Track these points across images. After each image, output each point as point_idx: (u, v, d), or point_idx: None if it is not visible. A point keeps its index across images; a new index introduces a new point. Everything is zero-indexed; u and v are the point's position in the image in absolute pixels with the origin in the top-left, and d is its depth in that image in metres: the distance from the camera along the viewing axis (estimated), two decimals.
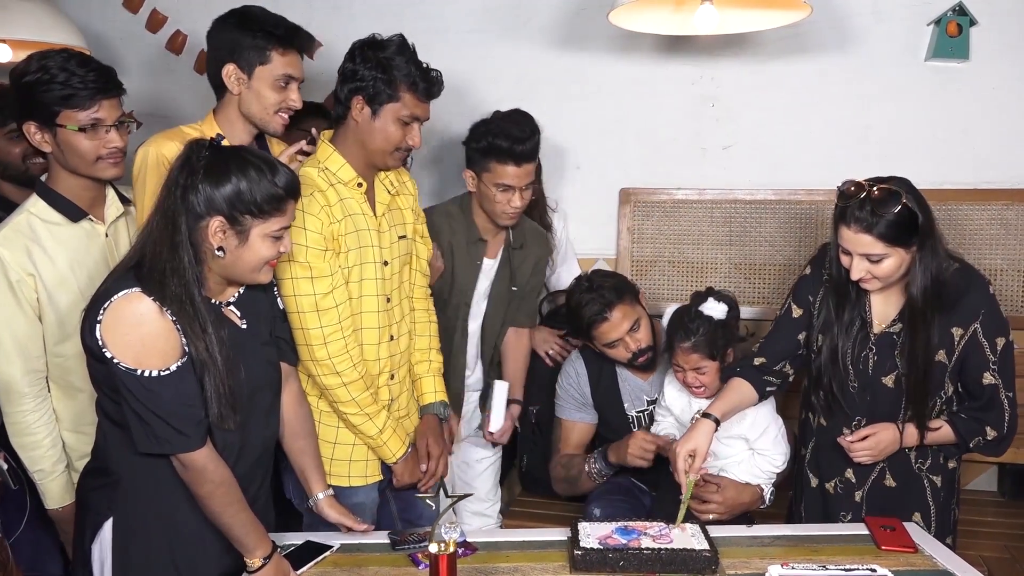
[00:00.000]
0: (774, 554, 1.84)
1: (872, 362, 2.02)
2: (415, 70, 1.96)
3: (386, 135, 1.99)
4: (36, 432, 1.94)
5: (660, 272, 3.09)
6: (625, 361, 2.42)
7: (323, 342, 1.96)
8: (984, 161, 2.86)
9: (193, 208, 1.59)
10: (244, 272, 1.67)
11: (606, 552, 1.77)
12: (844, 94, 2.92)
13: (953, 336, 1.96)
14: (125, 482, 1.69)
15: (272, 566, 1.69)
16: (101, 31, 3.34)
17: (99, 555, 1.72)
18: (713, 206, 3.03)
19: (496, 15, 3.10)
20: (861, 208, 1.85)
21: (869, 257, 1.88)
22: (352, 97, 1.97)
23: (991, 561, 2.39)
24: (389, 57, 1.95)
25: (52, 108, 1.86)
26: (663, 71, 3.02)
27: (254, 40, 1.99)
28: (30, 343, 1.92)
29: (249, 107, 2.05)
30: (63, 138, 1.88)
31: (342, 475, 2.09)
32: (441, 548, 1.62)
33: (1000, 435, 1.99)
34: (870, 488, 2.08)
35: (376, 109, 1.97)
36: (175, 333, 1.59)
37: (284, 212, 1.65)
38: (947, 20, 2.79)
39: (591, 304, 2.35)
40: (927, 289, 1.91)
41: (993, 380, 1.97)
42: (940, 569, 1.77)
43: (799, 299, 2.11)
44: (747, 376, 2.12)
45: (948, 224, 2.85)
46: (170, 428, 1.58)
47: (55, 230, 1.94)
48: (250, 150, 1.67)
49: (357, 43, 2.02)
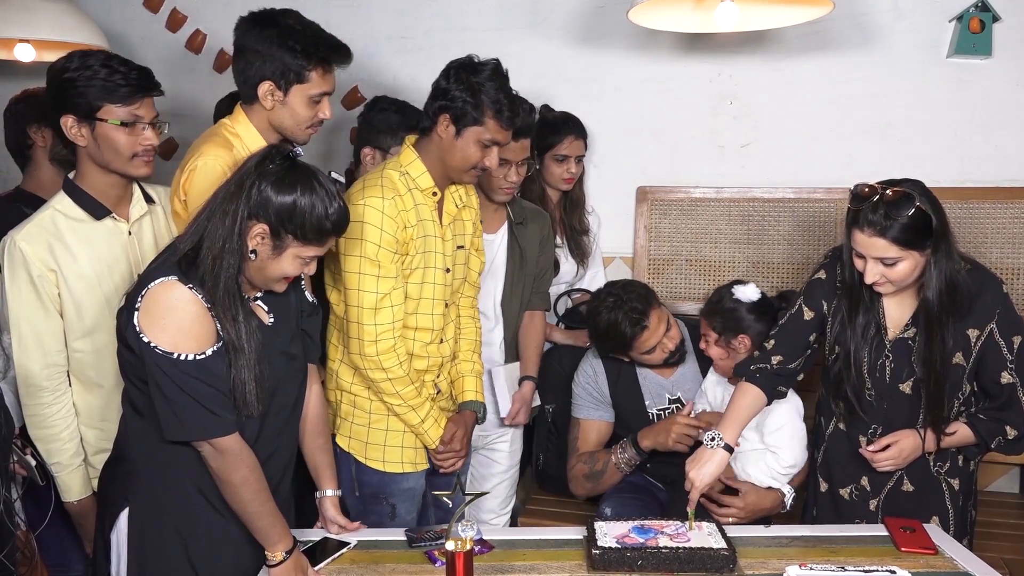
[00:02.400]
0: (792, 554, 1.83)
1: (889, 370, 2.00)
2: (503, 98, 2.02)
3: (465, 155, 2.05)
4: (54, 425, 1.96)
5: (677, 270, 3.07)
6: (661, 362, 2.44)
7: (374, 339, 2.03)
8: (1007, 159, 2.83)
9: (249, 206, 1.62)
10: (263, 279, 1.70)
11: (624, 551, 1.77)
12: (865, 91, 2.89)
13: (969, 338, 1.94)
14: (142, 472, 1.72)
15: (292, 561, 1.71)
16: (121, 31, 3.37)
17: (116, 544, 1.75)
18: (731, 204, 3.02)
19: (514, 13, 3.10)
20: (874, 211, 1.83)
21: (883, 261, 1.86)
22: (440, 114, 2.04)
23: (1012, 563, 2.37)
24: (480, 82, 2.01)
25: (94, 102, 1.87)
26: (682, 69, 3.01)
27: (295, 59, 1.96)
28: (49, 338, 1.94)
29: (281, 121, 2.03)
30: (102, 132, 1.89)
31: (395, 461, 2.15)
32: (458, 546, 1.62)
33: (1021, 433, 1.97)
34: (887, 494, 2.06)
35: (460, 129, 2.03)
36: (210, 319, 1.62)
37: (323, 244, 1.69)
38: (969, 16, 2.76)
39: (627, 319, 2.36)
40: (942, 293, 1.89)
41: (1011, 379, 1.95)
42: (961, 571, 1.76)
43: (811, 301, 2.09)
44: (758, 380, 2.09)
45: (970, 223, 2.83)
46: (205, 411, 1.60)
47: (78, 227, 1.95)
48: (321, 175, 1.68)
49: (453, 63, 2.06)
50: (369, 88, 3.19)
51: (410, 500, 2.18)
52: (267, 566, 1.70)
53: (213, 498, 1.71)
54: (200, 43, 3.33)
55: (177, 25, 3.34)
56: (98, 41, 2.83)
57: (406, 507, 2.19)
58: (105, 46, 2.86)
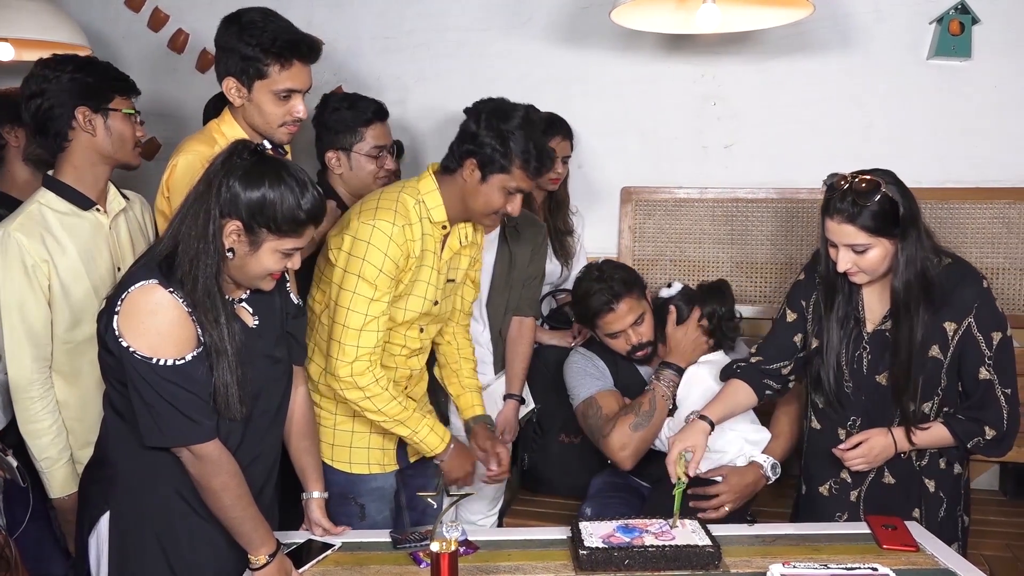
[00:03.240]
0: (776, 553, 1.84)
1: (866, 361, 2.02)
2: (532, 148, 2.00)
3: (488, 200, 2.04)
4: (42, 420, 1.97)
5: (662, 270, 3.08)
6: (624, 353, 2.46)
7: (351, 360, 2.00)
8: (986, 160, 2.86)
9: (221, 205, 1.60)
10: (247, 277, 1.68)
11: (611, 551, 1.77)
12: (846, 93, 2.91)
13: (946, 331, 1.95)
14: (123, 476, 1.70)
15: (276, 564, 1.70)
16: (103, 30, 3.34)
17: (95, 548, 1.73)
18: (715, 205, 3.03)
19: (497, 13, 3.10)
20: (843, 199, 1.87)
21: (854, 248, 1.89)
22: (467, 158, 2.02)
23: (993, 560, 2.39)
24: (510, 130, 1.99)
25: (109, 93, 2.00)
26: (665, 70, 3.02)
27: (253, 53, 1.94)
28: (40, 328, 1.96)
29: (252, 119, 2.02)
30: (114, 122, 2.01)
31: (362, 463, 2.15)
32: (443, 547, 1.62)
33: (1000, 434, 1.96)
34: (868, 487, 2.07)
35: (486, 175, 2.01)
36: (190, 323, 1.60)
37: (300, 235, 1.65)
38: (949, 18, 2.79)
39: (599, 294, 2.38)
40: (910, 282, 1.91)
41: (989, 376, 1.95)
42: (942, 568, 1.77)
43: (793, 303, 2.13)
44: (746, 378, 2.13)
45: (950, 223, 2.85)
46: (183, 418, 1.59)
47: (65, 220, 1.99)
48: (290, 166, 1.66)
49: (484, 107, 2.03)
50: (353, 87, 3.18)
51: (380, 500, 2.16)
52: (250, 569, 1.69)
53: (194, 502, 1.69)
54: (183, 42, 3.31)
55: (159, 24, 3.32)
56: (79, 40, 2.81)
57: (376, 507, 2.17)
58: (86, 45, 2.85)
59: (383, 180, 2.46)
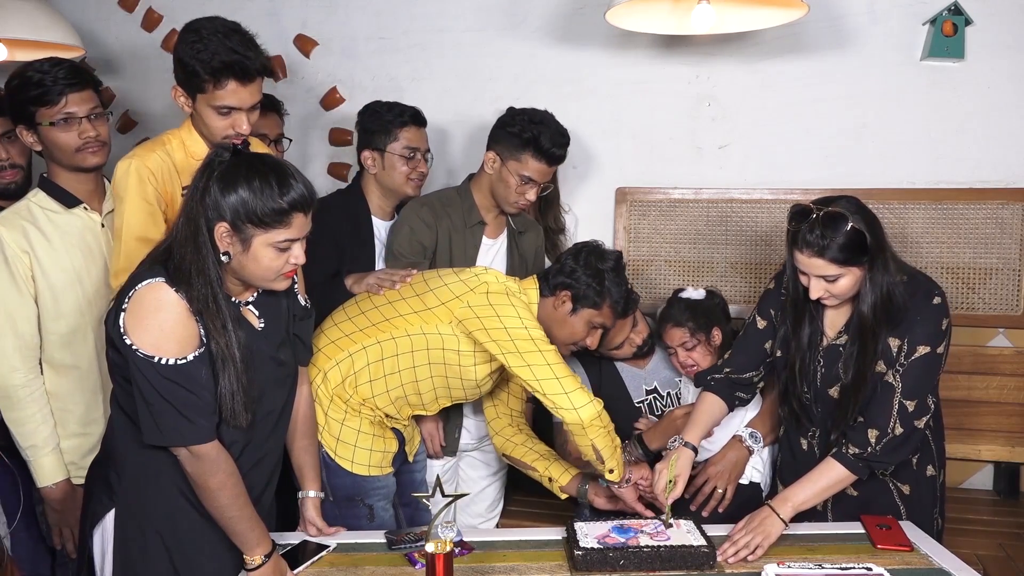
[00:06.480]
0: (770, 553, 1.84)
1: (820, 375, 2.03)
2: (623, 291, 2.19)
3: (574, 331, 2.18)
4: (27, 407, 2.00)
5: (656, 271, 3.09)
6: (630, 355, 2.50)
7: (588, 400, 2.04)
8: (979, 160, 2.86)
9: (207, 210, 1.60)
10: (253, 278, 1.68)
11: (607, 551, 1.77)
12: (840, 93, 2.92)
13: (891, 347, 1.93)
14: (129, 474, 1.71)
15: (271, 564, 1.70)
16: (96, 30, 3.33)
17: (100, 544, 1.75)
18: (709, 205, 3.04)
19: (492, 14, 3.10)
20: (811, 232, 1.86)
21: (825, 278, 1.89)
22: (562, 290, 2.16)
23: (986, 559, 2.39)
24: (605, 271, 2.16)
25: (29, 108, 2.02)
26: (660, 70, 3.02)
27: (192, 67, 1.90)
28: (21, 318, 1.99)
29: (200, 129, 2.00)
30: (44, 134, 2.04)
31: (362, 463, 2.15)
32: (438, 548, 1.62)
33: (882, 433, 1.88)
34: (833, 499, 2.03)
35: (578, 308, 2.16)
36: (194, 324, 1.61)
37: (288, 225, 1.62)
38: (943, 20, 2.80)
39: None
40: (876, 305, 1.90)
41: (892, 381, 1.91)
42: (936, 567, 1.78)
43: (763, 311, 2.15)
44: (717, 389, 2.17)
45: (943, 223, 2.86)
46: (182, 418, 1.59)
47: (53, 216, 2.06)
48: (269, 159, 1.65)
49: (584, 249, 2.20)
50: (348, 88, 3.18)
51: (385, 499, 2.18)
52: (246, 570, 1.70)
53: (196, 501, 1.69)
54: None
55: (153, 24, 3.31)
56: (72, 41, 2.81)
57: (382, 505, 2.18)
58: (79, 45, 2.84)
59: (415, 183, 2.53)
